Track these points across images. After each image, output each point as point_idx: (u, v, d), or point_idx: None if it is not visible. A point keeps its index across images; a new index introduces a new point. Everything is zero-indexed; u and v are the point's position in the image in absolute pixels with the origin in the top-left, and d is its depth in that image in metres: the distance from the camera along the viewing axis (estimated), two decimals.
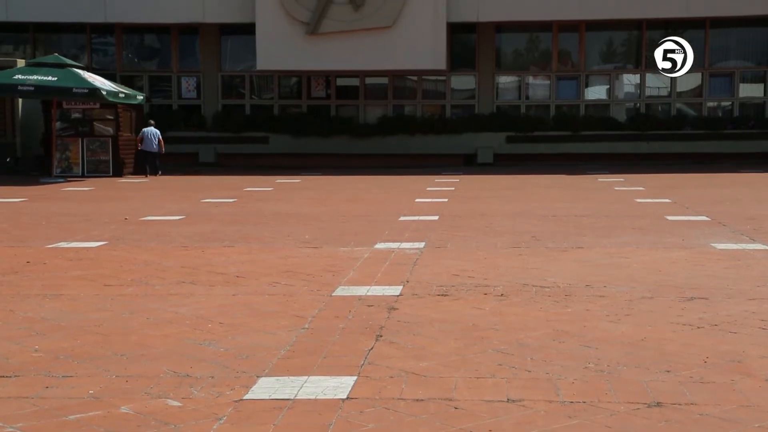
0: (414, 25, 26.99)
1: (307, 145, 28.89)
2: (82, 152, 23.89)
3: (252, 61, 28.50)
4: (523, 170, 25.16)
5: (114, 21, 28.50)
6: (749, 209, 14.17)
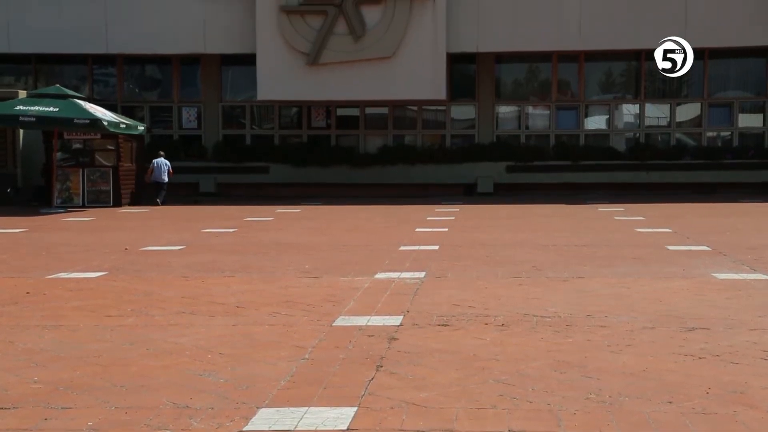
0: (414, 55, 27.13)
1: (307, 174, 28.95)
2: (83, 182, 23.94)
3: (252, 91, 28.62)
4: (523, 200, 25.18)
5: (115, 52, 28.65)
6: (750, 239, 14.17)
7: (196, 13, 28.14)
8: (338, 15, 27.12)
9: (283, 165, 29.03)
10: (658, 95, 29.23)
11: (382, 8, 27.13)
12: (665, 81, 29.33)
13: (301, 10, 27.23)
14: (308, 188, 28.58)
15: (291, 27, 27.23)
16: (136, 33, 27.94)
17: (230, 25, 28.07)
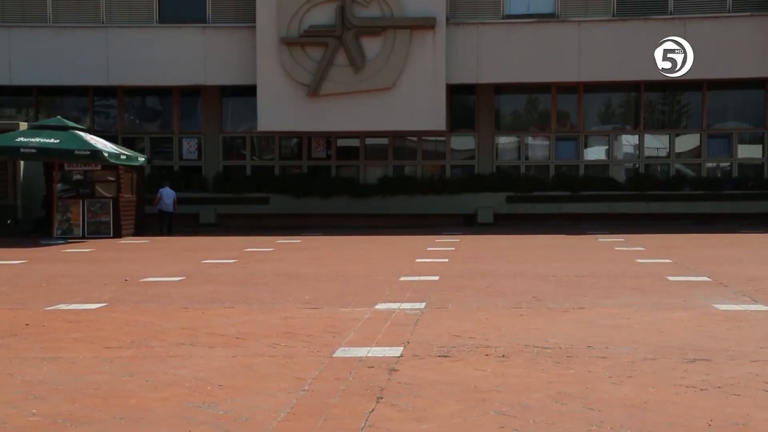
0: (414, 86, 27.25)
1: (307, 205, 28.98)
2: (83, 213, 23.96)
3: (253, 122, 28.72)
4: (523, 230, 25.17)
5: (116, 84, 28.78)
6: (750, 270, 14.15)
7: (197, 44, 28.31)
8: (338, 46, 27.28)
9: (283, 195, 29.07)
10: (657, 126, 29.31)
11: (382, 40, 27.28)
12: (664, 112, 29.45)
13: (302, 42, 27.38)
14: (309, 219, 28.60)
15: (291, 58, 27.37)
16: (136, 65, 28.09)
17: (231, 56, 28.23)
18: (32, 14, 28.67)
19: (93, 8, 28.64)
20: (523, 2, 28.32)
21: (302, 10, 27.30)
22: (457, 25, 27.74)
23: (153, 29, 28.59)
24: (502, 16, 28.07)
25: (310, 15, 27.40)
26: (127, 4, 28.66)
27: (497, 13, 28.05)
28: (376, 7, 27.33)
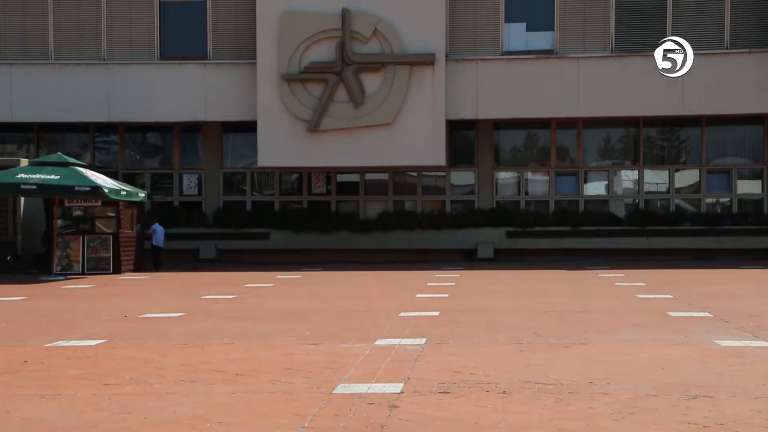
0: (414, 122, 27.35)
1: (307, 240, 28.96)
2: (83, 250, 23.94)
3: (253, 158, 28.80)
4: (523, 265, 25.15)
5: (117, 120, 28.89)
6: (751, 306, 14.12)
7: (197, 81, 28.45)
8: (338, 82, 27.41)
9: (283, 231, 29.06)
10: (657, 161, 29.37)
11: (382, 76, 27.42)
12: (663, 147, 29.55)
13: (302, 78, 27.52)
14: (309, 254, 28.57)
15: (292, 94, 27.49)
16: (137, 101, 28.21)
17: (231, 92, 28.37)
18: (34, 51, 28.83)
19: (94, 46, 28.80)
20: (521, 39, 28.49)
21: (302, 47, 27.46)
22: (457, 61, 27.90)
23: (154, 66, 28.74)
24: (501, 53, 28.23)
25: (311, 51, 27.56)
26: (128, 42, 28.84)
27: (496, 50, 28.21)
28: (376, 43, 27.50)
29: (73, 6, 28.77)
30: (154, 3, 28.74)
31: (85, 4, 28.78)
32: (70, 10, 28.77)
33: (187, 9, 29.02)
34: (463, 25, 28.14)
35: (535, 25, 28.46)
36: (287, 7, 27.47)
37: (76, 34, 28.82)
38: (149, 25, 28.78)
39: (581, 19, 27.90)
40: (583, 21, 27.90)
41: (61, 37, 28.79)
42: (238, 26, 28.62)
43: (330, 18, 27.39)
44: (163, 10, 28.87)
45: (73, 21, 28.77)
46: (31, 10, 28.80)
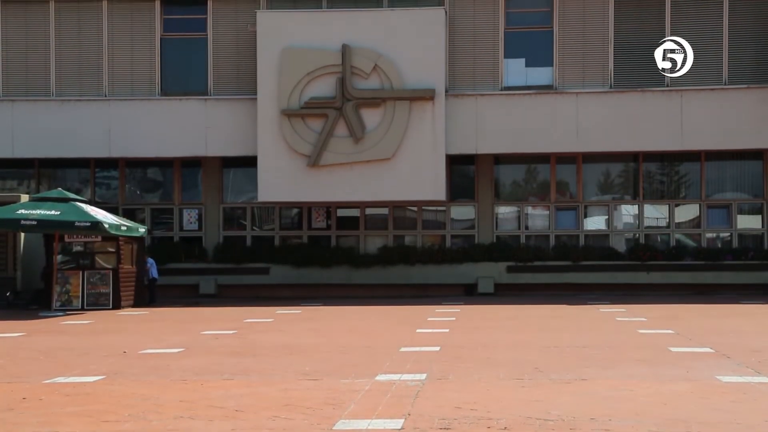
0: (413, 157, 27.41)
1: (307, 275, 28.93)
2: (83, 285, 23.87)
3: (253, 193, 28.83)
4: (524, 300, 25.11)
5: (118, 156, 28.96)
6: (753, 341, 14.07)
7: (198, 116, 28.55)
8: (338, 117, 27.51)
9: (283, 266, 29.03)
10: (657, 196, 29.38)
11: (382, 111, 27.52)
12: (663, 182, 29.57)
13: (302, 113, 27.61)
14: (309, 289, 28.51)
15: (292, 129, 27.58)
16: (138, 137, 28.28)
17: (232, 127, 28.44)
18: (36, 88, 28.95)
19: (96, 82, 28.93)
20: (521, 74, 28.63)
21: (303, 82, 27.58)
22: (457, 97, 28.00)
23: (155, 101, 28.84)
24: (501, 88, 28.34)
25: (311, 87, 27.68)
26: (129, 77, 28.96)
27: (496, 85, 28.33)
28: (376, 78, 27.63)
29: (75, 43, 28.92)
30: (155, 39, 28.91)
31: (87, 41, 28.92)
32: (72, 47, 28.91)
33: (188, 45, 29.20)
34: (462, 61, 28.27)
35: (535, 61, 28.60)
36: (288, 43, 27.63)
37: (77, 71, 28.95)
38: (150, 61, 28.93)
39: (580, 55, 28.04)
40: (582, 57, 28.03)
41: (63, 74, 28.92)
42: (238, 62, 28.77)
43: (330, 54, 27.54)
44: (164, 46, 29.04)
45: (75, 57, 28.91)
46: (33, 47, 28.94)
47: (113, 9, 28.86)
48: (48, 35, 28.86)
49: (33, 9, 28.97)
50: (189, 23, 29.17)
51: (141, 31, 28.89)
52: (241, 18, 28.61)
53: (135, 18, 28.89)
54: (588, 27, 28.05)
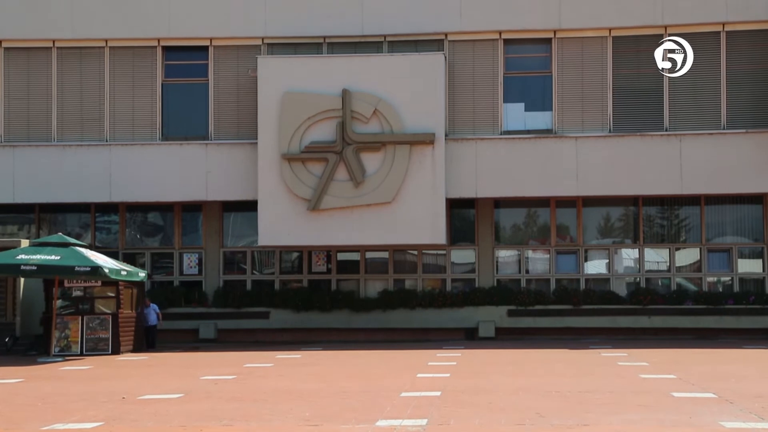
0: (414, 201, 27.45)
1: (308, 319, 28.85)
2: (82, 330, 23.82)
3: (254, 237, 28.84)
4: (525, 344, 25.02)
5: (119, 200, 29.00)
6: (756, 386, 13.99)
7: (199, 160, 28.64)
8: (339, 161, 27.58)
9: (283, 310, 28.96)
10: (657, 240, 29.37)
11: (382, 155, 27.60)
12: (663, 226, 29.57)
13: (303, 158, 27.69)
14: (309, 333, 28.43)
15: (292, 174, 27.65)
16: (139, 181, 28.36)
17: (232, 172, 28.53)
18: (37, 133, 29.05)
19: (97, 127, 29.05)
20: (520, 119, 28.76)
21: (303, 127, 27.69)
22: (456, 141, 28.12)
23: (156, 146, 28.94)
24: (501, 132, 28.46)
25: (311, 131, 27.79)
26: (130, 122, 29.09)
27: (496, 129, 28.45)
28: (376, 123, 27.75)
29: (77, 88, 29.09)
30: (156, 84, 29.09)
31: (89, 87, 29.10)
32: (74, 93, 29.08)
33: (189, 90, 29.37)
34: (462, 105, 28.43)
35: (534, 106, 28.76)
36: (288, 88, 27.78)
37: (78, 116, 29.08)
38: (151, 106, 29.08)
39: (579, 100, 28.19)
40: (581, 101, 28.19)
41: (64, 119, 29.04)
42: (239, 106, 28.93)
43: (330, 98, 27.68)
44: (165, 91, 29.21)
45: (77, 103, 29.07)
46: (35, 93, 29.13)
47: (115, 55, 29.10)
48: (50, 81, 29.06)
49: (35, 55, 29.19)
50: (190, 68, 29.36)
51: (142, 77, 29.09)
52: (242, 63, 28.83)
53: (136, 63, 29.11)
54: (587, 72, 28.25)
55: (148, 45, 29.07)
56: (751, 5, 27.44)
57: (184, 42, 29.17)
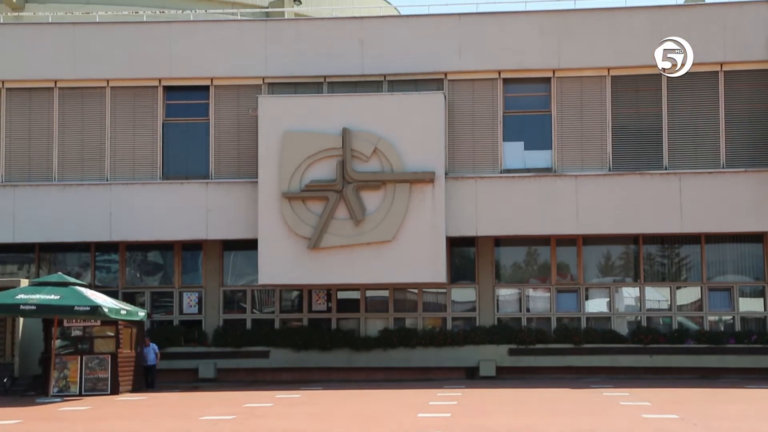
0: (414, 239, 27.42)
1: (308, 358, 28.73)
2: (81, 370, 23.69)
3: (254, 275, 28.78)
4: (526, 383, 24.90)
5: (119, 239, 28.98)
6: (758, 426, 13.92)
7: (199, 199, 28.64)
8: (339, 200, 27.60)
9: (283, 349, 28.83)
10: (658, 279, 29.30)
11: (382, 193, 27.63)
12: (664, 264, 29.53)
13: (303, 196, 27.71)
14: (309, 372, 28.30)
15: (293, 212, 27.65)
16: (139, 220, 28.33)
17: (232, 211, 28.52)
18: (38, 173, 29.07)
19: (98, 166, 29.09)
20: (519, 157, 28.81)
21: (303, 166, 27.74)
22: (456, 179, 28.16)
23: (156, 185, 28.96)
24: (500, 171, 28.50)
25: (312, 170, 27.82)
26: (131, 162, 29.12)
27: (495, 168, 28.51)
28: (376, 161, 27.79)
29: (78, 128, 29.16)
30: (157, 123, 29.18)
31: (90, 126, 29.16)
32: (75, 132, 29.14)
33: (190, 129, 29.44)
34: (462, 144, 28.50)
35: (533, 144, 28.80)
36: (289, 127, 27.86)
37: (79, 155, 29.12)
38: (152, 145, 29.14)
39: (578, 139, 28.27)
40: (581, 140, 28.27)
41: (65, 159, 29.08)
42: (239, 145, 29.00)
43: (331, 137, 27.75)
44: (166, 130, 29.29)
45: (78, 142, 29.12)
46: (36, 133, 29.18)
47: (116, 94, 29.22)
48: (51, 121, 29.13)
49: (37, 95, 29.28)
50: (191, 108, 29.46)
51: (143, 116, 29.19)
52: (242, 103, 28.95)
53: (138, 103, 29.22)
54: (586, 110, 28.36)
55: (150, 85, 29.19)
56: (748, 46, 27.61)
57: (185, 82, 29.28)
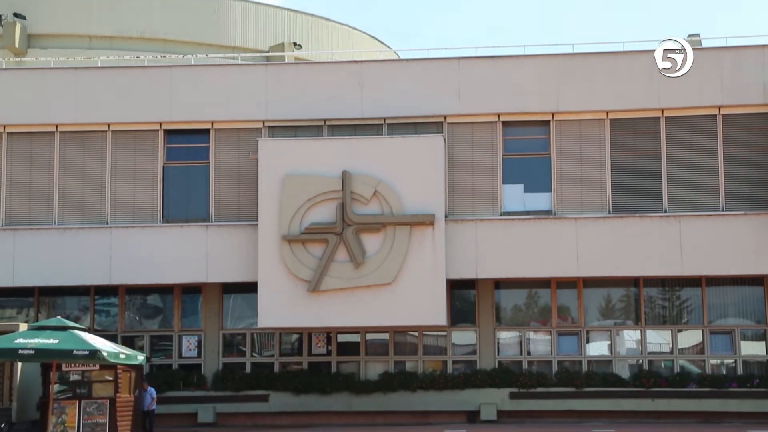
0: (414, 282, 27.36)
1: (307, 402, 28.59)
2: (79, 416, 23.57)
3: (253, 318, 28.72)
4: (527, 427, 24.77)
5: (118, 283, 28.94)
6: None
7: (199, 243, 28.64)
8: (339, 243, 27.58)
9: (283, 393, 28.72)
10: (659, 321, 29.22)
11: (382, 236, 27.61)
12: (665, 307, 29.46)
13: (303, 239, 27.69)
14: (309, 416, 28.18)
15: (292, 255, 27.62)
16: (139, 264, 28.31)
17: (232, 253, 28.51)
18: (38, 216, 29.11)
19: (98, 209, 29.12)
20: (519, 200, 28.83)
21: (303, 208, 27.75)
22: (456, 222, 28.16)
23: (156, 228, 28.96)
24: (500, 213, 28.51)
25: (311, 213, 27.82)
26: (131, 205, 29.15)
27: (495, 211, 28.52)
28: (376, 204, 27.80)
29: (78, 172, 29.26)
30: (157, 167, 29.25)
31: (90, 170, 29.25)
32: (75, 176, 29.23)
33: (190, 172, 29.52)
34: (461, 186, 28.54)
35: (533, 187, 28.83)
36: (289, 170, 27.91)
37: (80, 199, 29.20)
38: (152, 188, 29.19)
39: (578, 181, 28.32)
40: (580, 183, 28.31)
41: (66, 202, 29.14)
42: (239, 188, 29.04)
43: (331, 180, 27.79)
44: (167, 173, 29.36)
45: (78, 186, 29.20)
46: (37, 177, 29.27)
47: (117, 138, 29.33)
48: (52, 164, 29.25)
49: (38, 139, 29.39)
50: (191, 151, 29.54)
51: (144, 159, 29.28)
52: (242, 146, 29.04)
53: (138, 146, 29.32)
54: (585, 153, 28.43)
55: (150, 128, 29.33)
56: (745, 89, 27.71)
57: (186, 125, 29.45)
